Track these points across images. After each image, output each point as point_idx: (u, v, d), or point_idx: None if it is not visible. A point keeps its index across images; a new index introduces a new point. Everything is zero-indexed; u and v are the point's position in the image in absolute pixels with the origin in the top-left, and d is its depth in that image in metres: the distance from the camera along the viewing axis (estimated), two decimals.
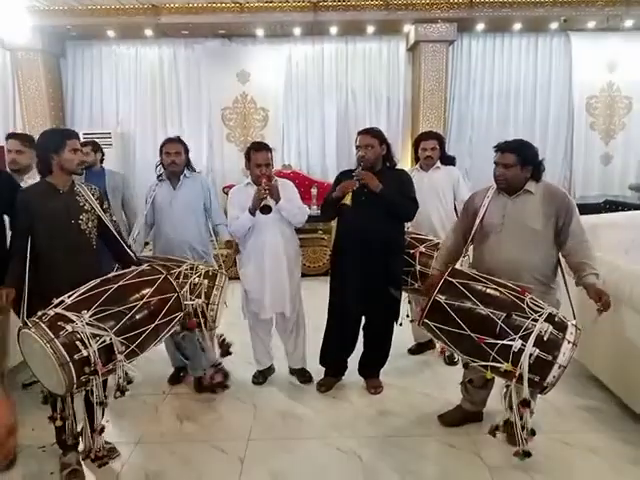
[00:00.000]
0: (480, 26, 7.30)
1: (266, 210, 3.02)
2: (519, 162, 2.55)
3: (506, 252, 2.57)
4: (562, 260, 2.63)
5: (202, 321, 2.74)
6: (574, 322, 2.30)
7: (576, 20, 7.15)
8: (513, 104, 7.85)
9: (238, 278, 3.41)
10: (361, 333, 3.38)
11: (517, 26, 7.31)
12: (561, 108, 7.85)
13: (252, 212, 3.14)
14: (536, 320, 2.22)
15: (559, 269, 2.63)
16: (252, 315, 3.43)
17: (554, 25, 7.30)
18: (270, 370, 3.59)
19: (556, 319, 2.26)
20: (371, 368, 3.41)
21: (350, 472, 2.54)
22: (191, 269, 2.79)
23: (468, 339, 2.30)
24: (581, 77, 7.69)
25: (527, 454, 2.33)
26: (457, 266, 2.70)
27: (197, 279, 2.74)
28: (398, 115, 7.85)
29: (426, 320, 2.43)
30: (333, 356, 3.41)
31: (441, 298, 2.39)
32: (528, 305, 2.28)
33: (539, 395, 2.44)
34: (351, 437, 2.83)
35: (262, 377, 3.53)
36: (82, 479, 2.50)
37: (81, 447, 2.51)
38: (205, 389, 3.34)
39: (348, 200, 2.98)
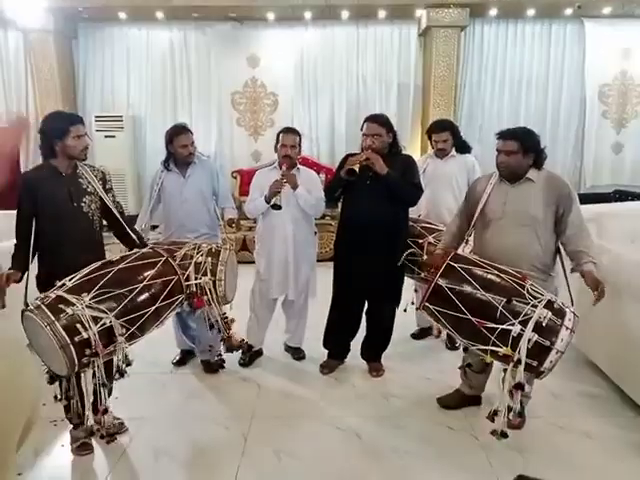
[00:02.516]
0: (493, 11, 7.21)
1: (276, 207, 3.17)
2: (521, 149, 2.58)
3: (507, 239, 2.61)
4: (561, 248, 2.66)
5: (212, 297, 2.78)
6: (573, 309, 2.34)
7: (591, 6, 7.04)
8: (525, 91, 7.77)
9: (246, 262, 3.48)
10: (364, 317, 3.44)
11: (531, 12, 7.21)
12: (573, 96, 7.77)
13: (267, 200, 3.25)
14: (535, 306, 2.26)
15: (558, 257, 2.67)
16: (258, 294, 3.52)
17: (568, 11, 7.19)
18: (258, 353, 3.66)
19: (555, 305, 2.30)
20: (373, 352, 3.48)
21: (349, 450, 2.61)
22: (194, 249, 2.83)
23: (468, 323, 2.35)
24: (594, 64, 7.59)
25: (504, 435, 2.39)
26: (459, 251, 2.74)
27: (201, 258, 2.77)
28: (409, 101, 7.80)
29: (427, 304, 2.49)
30: (336, 339, 3.48)
31: (442, 282, 2.44)
32: (528, 291, 2.32)
33: (536, 380, 2.50)
34: (351, 417, 2.90)
35: (249, 358, 3.58)
36: (91, 452, 2.59)
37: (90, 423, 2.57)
38: (213, 370, 3.43)
39: (356, 167, 3.01)
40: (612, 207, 5.53)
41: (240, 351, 3.45)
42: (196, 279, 2.70)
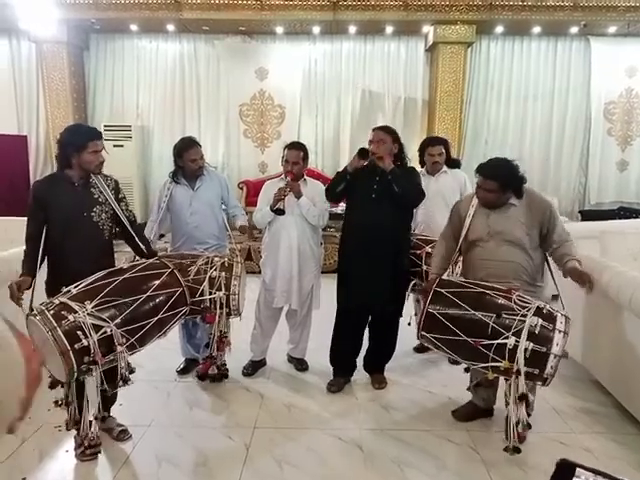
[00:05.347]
0: (499, 29, 7.32)
1: (279, 212, 3.24)
2: (500, 188, 2.65)
3: (493, 260, 2.68)
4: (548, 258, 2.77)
5: (225, 311, 2.82)
6: (563, 312, 2.38)
7: (596, 25, 7.14)
8: (530, 108, 7.87)
9: (250, 272, 3.51)
10: (367, 330, 3.46)
11: (536, 29, 7.31)
12: (578, 113, 7.84)
13: (271, 208, 3.29)
14: (525, 316, 2.31)
15: (546, 266, 2.76)
16: (263, 304, 3.55)
17: (574, 29, 7.29)
18: (261, 363, 3.67)
19: (544, 311, 2.35)
20: (376, 364, 3.49)
21: (351, 461, 2.63)
22: (206, 263, 2.85)
23: (465, 344, 2.40)
24: (600, 82, 7.68)
25: (517, 450, 2.40)
26: (444, 276, 2.79)
27: (215, 272, 2.79)
28: (415, 115, 7.88)
29: (424, 332, 2.54)
30: (342, 356, 3.45)
31: (434, 309, 2.49)
32: (516, 302, 2.38)
33: (539, 393, 2.52)
34: (353, 429, 2.91)
35: (252, 368, 3.60)
36: (95, 458, 2.59)
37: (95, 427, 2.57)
38: (217, 379, 3.42)
39: (369, 148, 3.08)
40: (615, 224, 5.55)
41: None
42: (210, 294, 2.74)
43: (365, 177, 3.12)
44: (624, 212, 7.45)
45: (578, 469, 1.40)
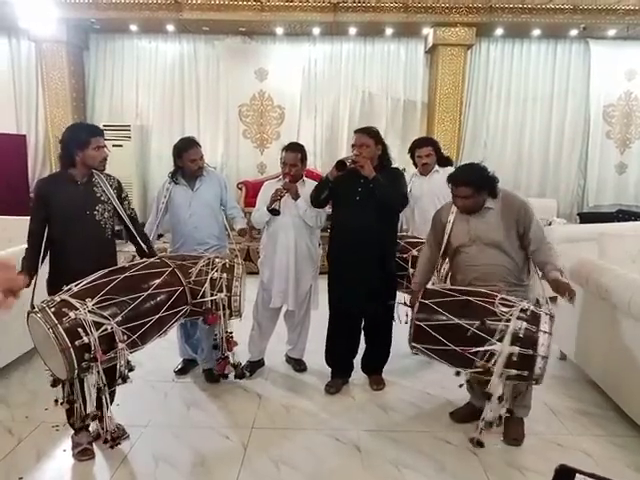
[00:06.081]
0: (499, 31, 7.32)
1: (274, 212, 3.28)
2: (475, 192, 2.68)
3: (478, 265, 2.72)
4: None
5: (227, 313, 2.82)
6: (547, 310, 2.39)
7: (596, 28, 7.15)
8: (530, 110, 7.86)
9: (248, 272, 3.50)
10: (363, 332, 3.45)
11: (536, 32, 7.32)
12: (578, 115, 7.84)
13: (267, 208, 3.30)
14: (509, 320, 2.32)
15: (531, 265, 2.78)
16: (261, 304, 3.56)
17: (573, 32, 7.30)
18: (259, 363, 3.67)
19: (528, 312, 2.36)
20: (373, 365, 3.49)
21: (348, 462, 2.63)
22: (207, 265, 2.85)
23: (455, 353, 2.42)
24: (599, 85, 7.69)
25: (480, 444, 2.45)
26: (429, 285, 2.81)
27: (216, 274, 2.79)
28: (414, 117, 7.89)
29: (414, 344, 2.57)
30: (338, 357, 3.46)
31: (420, 321, 2.52)
32: (499, 307, 2.39)
33: (537, 395, 2.52)
34: (351, 430, 2.91)
35: (251, 369, 3.59)
36: (92, 457, 2.60)
37: (92, 427, 2.55)
38: (215, 380, 3.45)
39: (347, 162, 3.08)
40: (614, 227, 5.55)
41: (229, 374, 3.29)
42: (212, 295, 2.74)
43: (349, 180, 3.12)
44: (623, 215, 7.45)
45: (577, 474, 1.40)
